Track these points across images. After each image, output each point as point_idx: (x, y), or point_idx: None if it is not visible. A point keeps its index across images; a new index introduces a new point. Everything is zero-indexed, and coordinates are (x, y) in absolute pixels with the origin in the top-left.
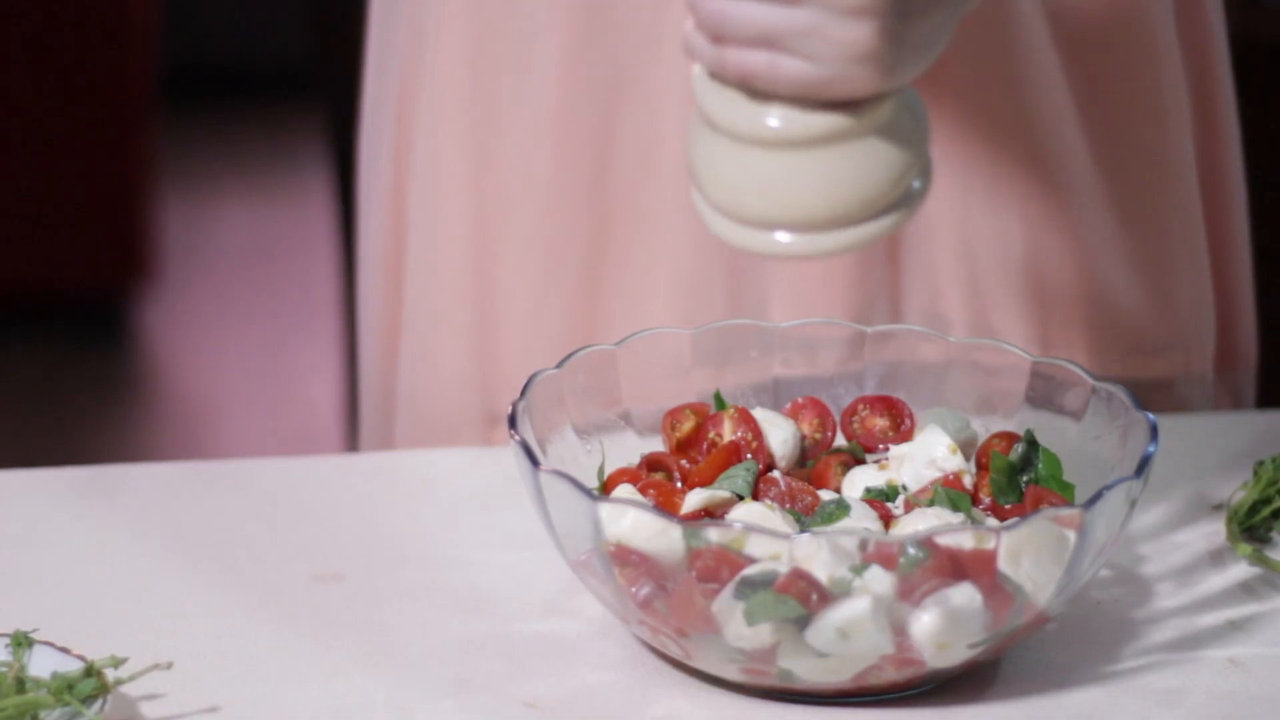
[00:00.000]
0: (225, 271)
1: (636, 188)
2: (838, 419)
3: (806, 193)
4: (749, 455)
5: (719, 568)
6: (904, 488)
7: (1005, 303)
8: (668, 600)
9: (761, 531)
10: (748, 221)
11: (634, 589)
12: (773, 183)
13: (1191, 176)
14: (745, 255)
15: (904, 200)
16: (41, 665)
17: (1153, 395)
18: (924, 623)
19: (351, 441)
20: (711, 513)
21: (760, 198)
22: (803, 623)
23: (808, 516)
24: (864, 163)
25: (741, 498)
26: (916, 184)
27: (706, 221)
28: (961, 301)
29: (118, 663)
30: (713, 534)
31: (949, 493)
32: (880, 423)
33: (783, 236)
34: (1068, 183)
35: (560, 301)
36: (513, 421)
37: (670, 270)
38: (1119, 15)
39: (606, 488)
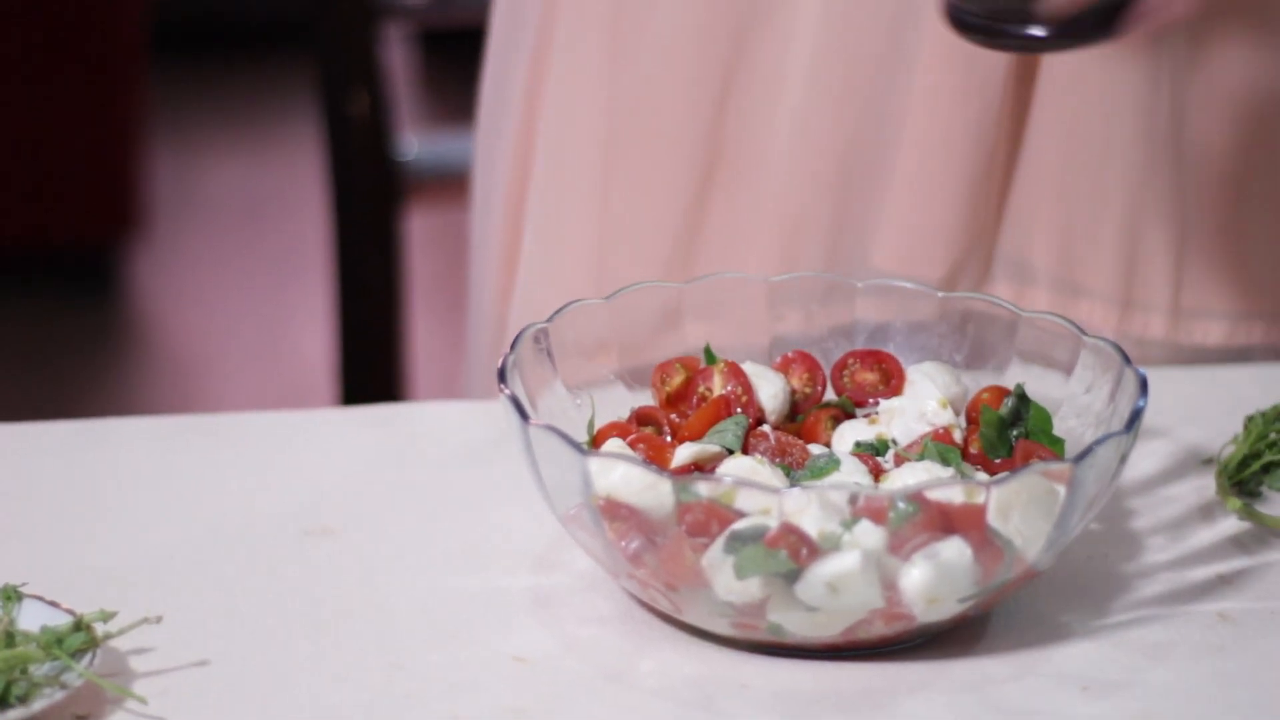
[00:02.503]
0: (216, 225)
1: (754, 126)
2: (828, 373)
3: None
4: (739, 409)
5: (709, 522)
6: (894, 442)
7: (1094, 261)
8: (657, 554)
9: (751, 486)
10: None
11: (623, 543)
12: None
13: None
14: (850, 199)
15: None
16: (31, 619)
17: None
18: (913, 577)
19: (342, 394)
20: (701, 467)
21: None
22: (792, 577)
23: (797, 471)
24: None
25: (731, 452)
26: None
27: None
28: (1050, 253)
29: (107, 617)
30: (702, 488)
31: (939, 447)
32: (870, 377)
33: None
34: (1168, 151)
35: (667, 233)
36: (502, 375)
37: (776, 212)
38: None
39: (596, 442)
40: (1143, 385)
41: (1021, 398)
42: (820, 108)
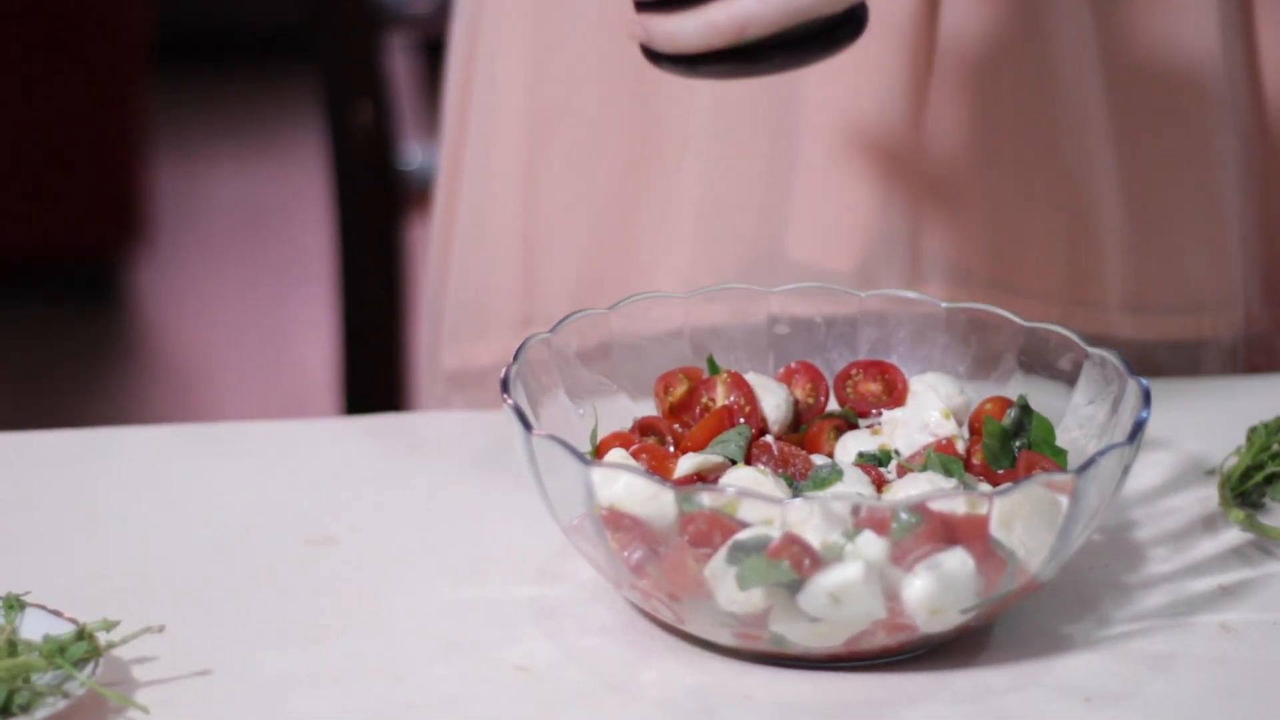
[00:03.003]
0: (219, 234)
1: (676, 108)
2: (831, 384)
3: None
4: (742, 420)
5: (711, 532)
6: (896, 453)
7: (1027, 261)
8: (660, 564)
9: (754, 496)
10: None
11: (626, 553)
12: None
13: (1226, 157)
14: (766, 185)
15: None
16: (33, 628)
17: (1169, 356)
18: (916, 588)
19: (344, 404)
20: (704, 477)
21: None
22: (795, 587)
23: (800, 481)
24: None
25: (734, 462)
26: None
27: None
28: (982, 255)
29: (110, 626)
30: (705, 498)
31: (941, 458)
32: (873, 387)
33: None
34: (1093, 158)
35: (595, 211)
36: (505, 385)
37: (696, 199)
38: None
39: (599, 452)
40: (1145, 397)
41: (1024, 409)
42: (734, 96)
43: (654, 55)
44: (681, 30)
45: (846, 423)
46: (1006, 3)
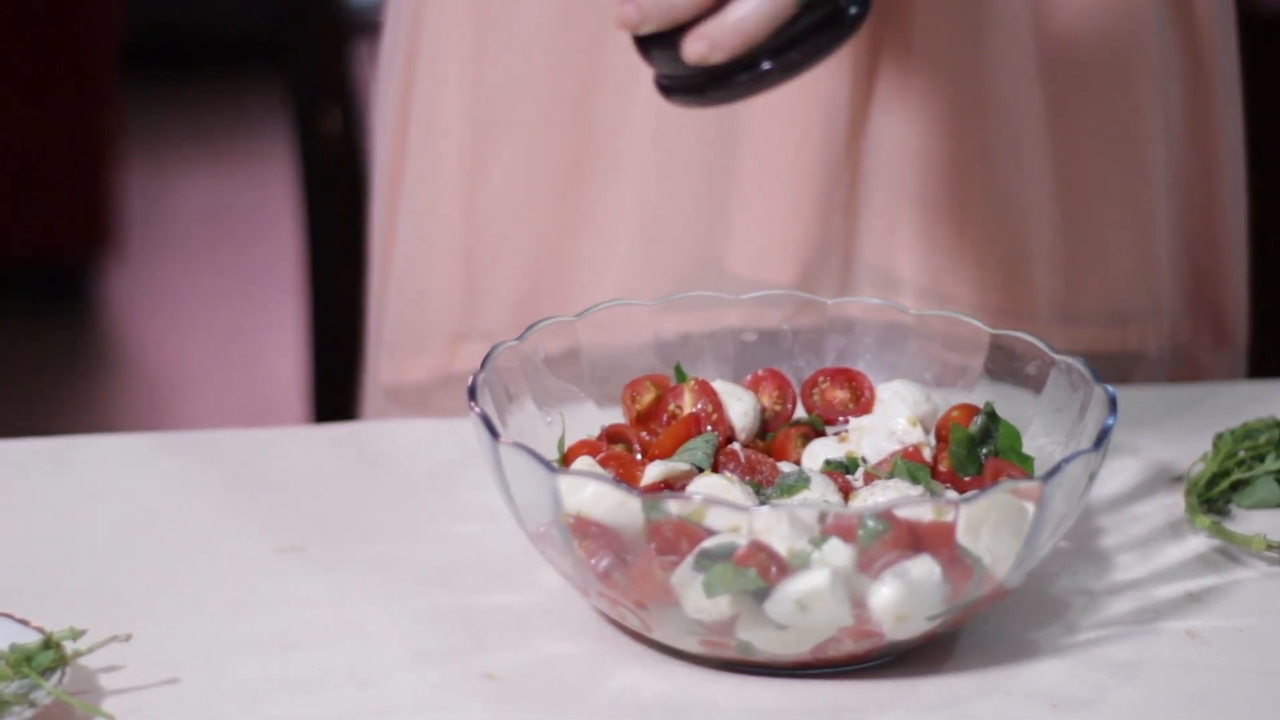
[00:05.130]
0: (188, 242)
1: (617, 117)
2: (798, 391)
3: None
4: (709, 427)
5: (678, 540)
6: (863, 460)
7: (958, 270)
8: (627, 572)
9: (721, 504)
10: None
11: (593, 561)
12: None
13: (1157, 170)
14: (706, 197)
15: None
16: None
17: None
18: (883, 595)
19: (314, 412)
20: (671, 485)
21: None
22: (761, 595)
23: (767, 489)
24: None
25: (701, 470)
26: None
27: None
28: (915, 263)
29: (76, 635)
30: (672, 506)
31: (908, 465)
32: (840, 395)
33: None
34: (1026, 170)
35: (535, 222)
36: (472, 393)
37: (637, 208)
38: (1105, 23)
39: (566, 460)
40: (1112, 403)
41: (991, 416)
42: (675, 109)
43: (665, 89)
44: (720, 32)
45: (814, 430)
46: (945, 20)
